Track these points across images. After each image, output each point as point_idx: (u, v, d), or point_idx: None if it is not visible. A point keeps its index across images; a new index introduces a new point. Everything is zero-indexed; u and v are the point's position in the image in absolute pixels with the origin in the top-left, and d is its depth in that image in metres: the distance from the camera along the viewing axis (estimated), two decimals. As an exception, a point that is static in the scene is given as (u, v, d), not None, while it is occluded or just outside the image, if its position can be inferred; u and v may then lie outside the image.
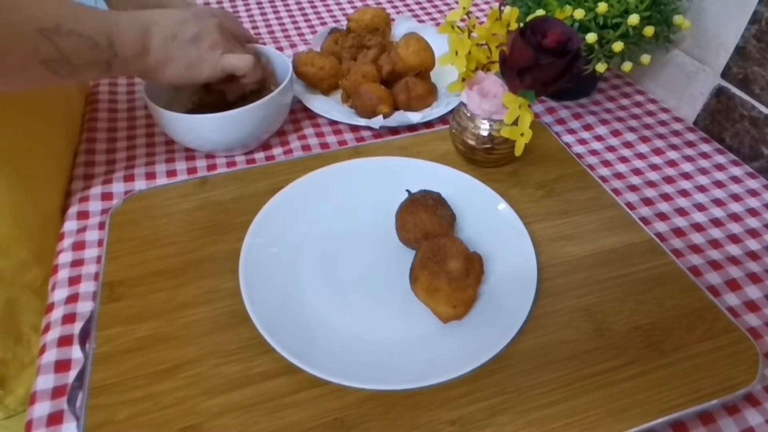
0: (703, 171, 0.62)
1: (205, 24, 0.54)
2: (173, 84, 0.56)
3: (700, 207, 0.57)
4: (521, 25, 0.49)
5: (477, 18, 0.59)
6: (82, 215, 0.56)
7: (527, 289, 0.46)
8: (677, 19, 0.60)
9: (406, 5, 0.94)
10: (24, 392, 0.56)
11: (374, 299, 0.46)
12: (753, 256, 0.52)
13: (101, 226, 0.54)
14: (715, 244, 0.54)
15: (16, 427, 0.57)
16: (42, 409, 0.41)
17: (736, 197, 0.58)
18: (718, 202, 0.58)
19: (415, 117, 0.65)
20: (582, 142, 0.66)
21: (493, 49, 0.53)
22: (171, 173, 0.61)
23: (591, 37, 0.57)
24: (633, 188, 0.60)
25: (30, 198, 0.54)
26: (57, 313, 0.47)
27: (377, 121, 0.64)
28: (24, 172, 0.53)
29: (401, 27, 0.79)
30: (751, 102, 0.61)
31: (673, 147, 0.65)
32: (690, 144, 0.65)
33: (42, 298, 0.53)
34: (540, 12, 0.59)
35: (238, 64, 0.56)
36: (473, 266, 0.44)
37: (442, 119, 0.67)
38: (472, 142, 0.56)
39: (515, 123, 0.52)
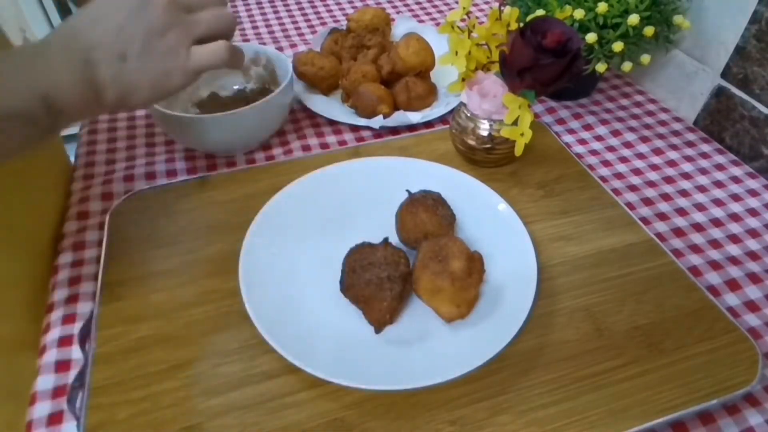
0: (703, 171, 0.62)
1: (148, 15, 0.39)
2: (146, 107, 0.48)
3: (700, 207, 0.57)
4: (521, 25, 0.49)
5: (477, 18, 0.59)
6: (82, 215, 0.56)
7: (527, 289, 0.45)
8: (677, 19, 0.60)
9: (406, 5, 0.94)
10: None
11: (374, 299, 0.46)
12: (753, 256, 0.52)
13: (101, 226, 0.54)
14: (715, 244, 0.54)
15: None
16: (42, 409, 0.42)
17: (736, 197, 0.58)
18: (718, 202, 0.58)
19: (415, 117, 0.65)
20: (582, 142, 0.66)
21: (493, 49, 0.53)
22: (171, 173, 0.61)
23: (591, 37, 0.57)
24: (633, 188, 0.60)
25: (19, 267, 0.50)
26: (57, 313, 0.47)
27: (377, 121, 0.64)
28: (11, 233, 0.49)
29: (401, 27, 0.79)
30: (751, 102, 0.61)
31: (673, 147, 0.65)
32: (690, 144, 0.65)
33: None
34: (540, 12, 0.59)
35: (212, 59, 0.41)
36: (475, 265, 0.44)
37: (442, 119, 0.67)
38: (472, 142, 0.56)
39: (515, 123, 0.52)
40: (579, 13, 0.57)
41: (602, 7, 0.57)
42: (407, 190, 0.50)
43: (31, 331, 0.49)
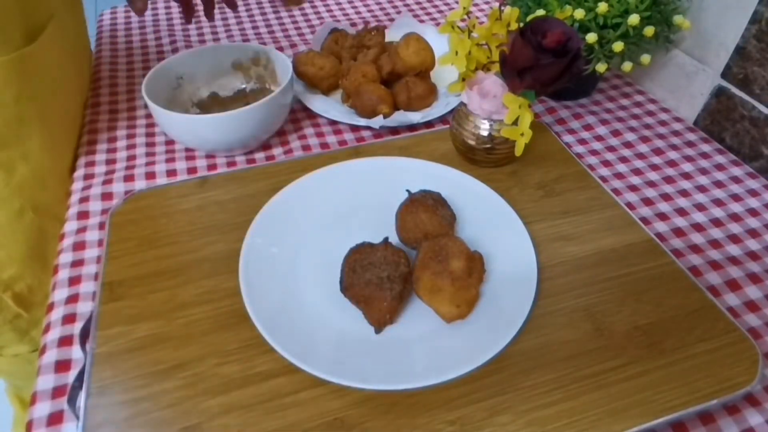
0: (703, 171, 0.62)
1: None
2: None
3: (700, 207, 0.57)
4: (521, 25, 0.49)
5: (477, 18, 0.59)
6: (82, 215, 0.56)
7: (527, 289, 0.46)
8: (677, 19, 0.60)
9: (406, 5, 0.94)
10: None
11: (374, 299, 0.46)
12: (753, 256, 0.52)
13: (101, 226, 0.54)
14: (715, 244, 0.54)
15: None
16: (42, 409, 0.42)
17: (736, 197, 0.58)
18: (718, 202, 0.58)
19: (415, 117, 0.65)
20: (582, 142, 0.66)
21: (493, 49, 0.53)
22: (171, 173, 0.61)
23: (591, 37, 0.57)
24: (633, 188, 0.60)
25: (61, 143, 0.61)
26: (57, 313, 0.47)
27: (377, 121, 0.64)
28: (54, 123, 0.59)
29: (401, 27, 0.79)
30: (751, 102, 0.61)
31: (673, 147, 0.65)
32: (690, 144, 0.65)
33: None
34: (540, 12, 0.59)
35: None
36: (475, 265, 0.44)
37: (442, 119, 0.67)
38: (472, 142, 0.56)
39: (515, 123, 0.52)
40: (579, 13, 0.57)
41: (602, 7, 0.57)
42: (407, 190, 0.50)
43: (62, 201, 0.59)
